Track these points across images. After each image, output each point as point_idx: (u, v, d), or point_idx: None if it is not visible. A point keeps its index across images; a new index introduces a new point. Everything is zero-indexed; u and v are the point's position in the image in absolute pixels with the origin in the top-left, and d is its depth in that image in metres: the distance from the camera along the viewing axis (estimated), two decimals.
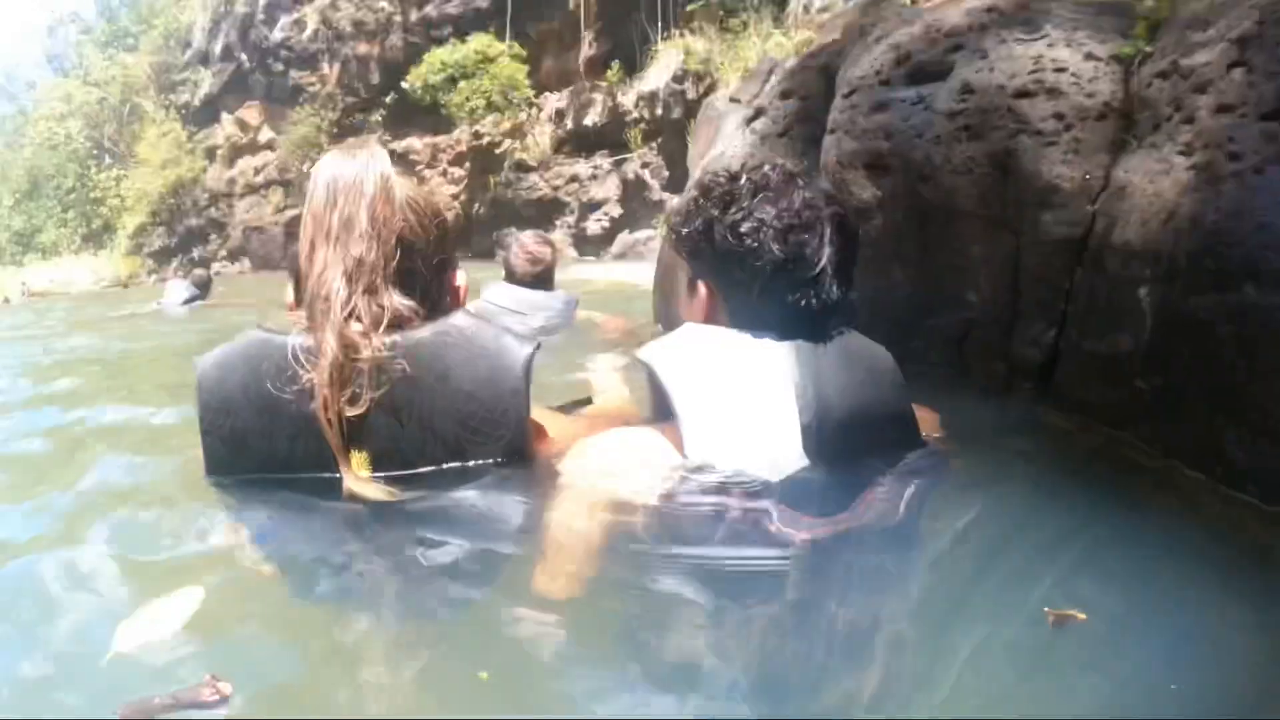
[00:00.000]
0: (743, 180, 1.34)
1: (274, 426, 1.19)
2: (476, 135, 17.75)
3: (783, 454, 1.24)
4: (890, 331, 2.45)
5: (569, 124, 16.80)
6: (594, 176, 16.07)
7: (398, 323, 1.19)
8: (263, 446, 1.21)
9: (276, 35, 21.62)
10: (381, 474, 1.21)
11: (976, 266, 2.11)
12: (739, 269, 1.30)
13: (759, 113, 3.54)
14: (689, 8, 14.26)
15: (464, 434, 1.19)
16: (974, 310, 2.15)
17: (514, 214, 16.87)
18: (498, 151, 17.42)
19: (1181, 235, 1.55)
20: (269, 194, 22.58)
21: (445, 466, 1.23)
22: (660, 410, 1.31)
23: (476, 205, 17.99)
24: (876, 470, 1.34)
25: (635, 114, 15.17)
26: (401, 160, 19.84)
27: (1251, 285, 1.39)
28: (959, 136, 2.05)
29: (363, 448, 1.18)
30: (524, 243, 4.14)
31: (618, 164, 15.62)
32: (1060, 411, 1.93)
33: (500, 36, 16.97)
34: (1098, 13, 2.08)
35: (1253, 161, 1.45)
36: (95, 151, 30.04)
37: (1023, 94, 1.95)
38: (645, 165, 14.68)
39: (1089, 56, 1.94)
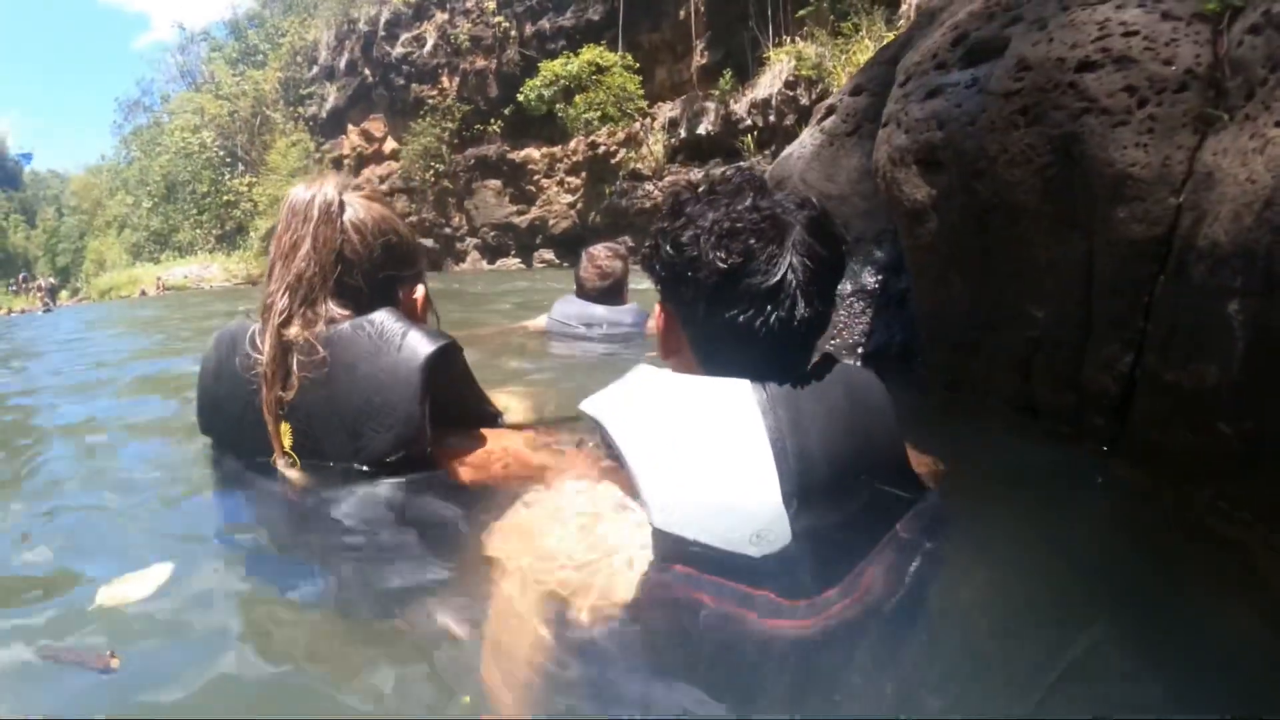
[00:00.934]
0: (702, 188, 1.15)
1: (236, 394, 1.41)
2: (592, 145, 17.93)
3: (767, 528, 0.98)
4: (950, 353, 2.13)
5: (682, 133, 16.74)
6: None
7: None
8: (229, 410, 1.44)
9: (398, 51, 22.66)
10: (301, 450, 1.38)
11: (1042, 274, 1.76)
12: (684, 285, 1.09)
13: (829, 111, 3.27)
14: (799, 13, 14.00)
15: (360, 419, 1.32)
16: (1040, 327, 1.79)
17: (628, 223, 16.91)
18: (613, 161, 17.54)
19: None
20: (394, 201, 23.58)
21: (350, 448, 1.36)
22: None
23: (592, 214, 18.16)
24: (872, 537, 1.07)
25: (748, 122, 15.02)
26: (519, 170, 20.30)
27: None
28: (1015, 121, 1.71)
29: (289, 421, 1.36)
30: (593, 255, 4.01)
31: None
32: (1133, 457, 1.56)
33: (612, 48, 17.07)
34: None
35: None
36: (228, 160, 32.58)
37: (1086, 66, 1.59)
38: None
39: (1166, 16, 1.56)
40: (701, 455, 1.00)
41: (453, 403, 1.43)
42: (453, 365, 1.40)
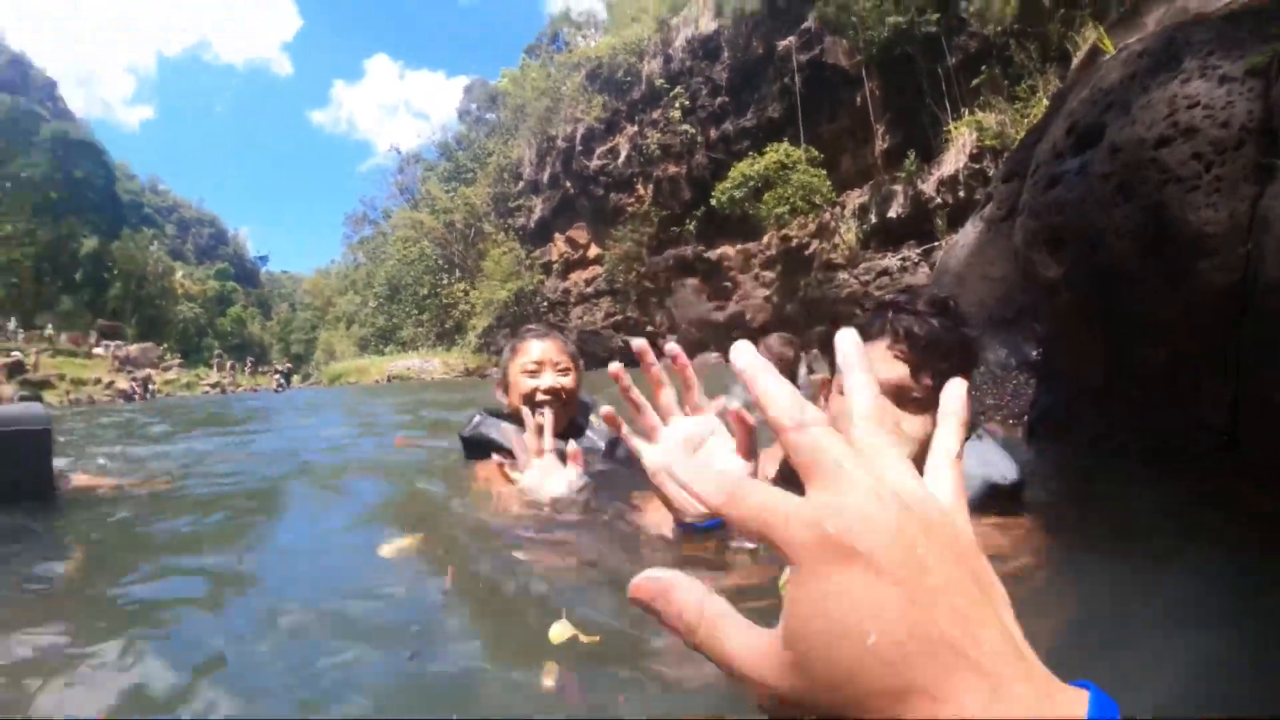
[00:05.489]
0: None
1: None
2: (784, 239, 18.35)
3: None
4: (1088, 404, 2.34)
5: (872, 218, 16.85)
6: (903, 268, 15.90)
7: None
8: None
9: (595, 163, 24.66)
10: None
11: (1152, 327, 1.99)
12: None
13: (988, 199, 3.53)
14: (973, 83, 13.95)
15: None
16: (1156, 371, 2.02)
17: (826, 311, 17.08)
18: (806, 252, 17.85)
19: None
20: (599, 302, 25.44)
21: None
22: None
23: (788, 305, 18.44)
24: None
25: (938, 200, 14.95)
26: (715, 267, 21.08)
27: None
28: (1115, 200, 1.98)
29: None
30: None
31: (926, 253, 15.35)
32: (1245, 474, 1.75)
33: (795, 142, 17.58)
34: (1237, 23, 1.91)
35: None
36: (445, 266, 36.15)
37: (1162, 142, 1.85)
38: None
39: (1223, 80, 1.79)
40: None
41: None
42: None
